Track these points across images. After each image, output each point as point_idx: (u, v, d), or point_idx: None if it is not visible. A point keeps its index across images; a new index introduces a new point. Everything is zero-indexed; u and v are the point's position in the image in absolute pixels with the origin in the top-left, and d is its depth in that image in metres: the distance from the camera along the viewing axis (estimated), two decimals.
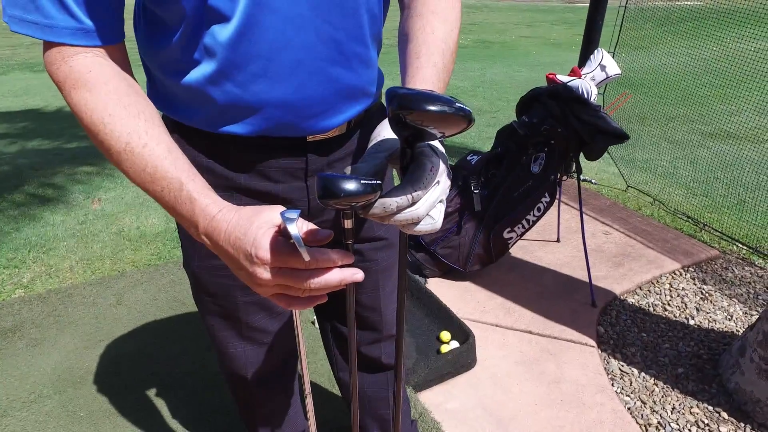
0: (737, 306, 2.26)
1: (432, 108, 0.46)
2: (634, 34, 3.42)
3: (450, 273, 2.32)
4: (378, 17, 0.76)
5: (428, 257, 2.28)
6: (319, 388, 1.75)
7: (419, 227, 0.52)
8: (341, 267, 0.55)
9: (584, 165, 3.95)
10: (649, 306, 2.26)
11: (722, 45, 3.49)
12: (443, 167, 0.53)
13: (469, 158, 2.27)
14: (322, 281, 0.54)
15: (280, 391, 1.11)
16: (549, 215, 2.74)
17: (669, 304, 2.28)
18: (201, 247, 0.82)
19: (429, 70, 0.66)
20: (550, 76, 2.14)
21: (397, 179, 0.73)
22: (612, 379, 1.85)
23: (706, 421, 1.67)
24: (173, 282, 2.32)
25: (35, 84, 7.86)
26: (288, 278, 0.54)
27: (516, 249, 2.61)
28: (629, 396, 1.78)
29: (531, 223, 2.25)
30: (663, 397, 1.78)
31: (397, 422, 0.78)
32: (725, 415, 1.68)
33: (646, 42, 3.61)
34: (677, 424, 1.66)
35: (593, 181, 3.62)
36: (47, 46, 0.62)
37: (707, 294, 2.35)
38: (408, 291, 2.15)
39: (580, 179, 2.21)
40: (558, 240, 2.71)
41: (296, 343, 1.03)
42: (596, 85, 2.11)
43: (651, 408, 1.73)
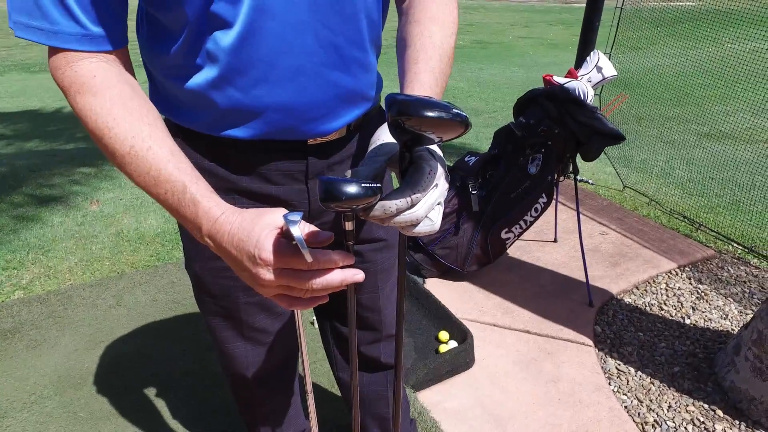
0: (732, 305, 2.28)
1: (430, 114, 0.48)
2: (631, 35, 3.44)
3: (448, 273, 2.34)
4: (377, 23, 0.78)
5: (426, 257, 2.29)
6: (319, 388, 1.76)
7: (418, 229, 0.53)
8: (342, 268, 0.56)
9: (581, 165, 3.97)
10: (646, 305, 2.28)
11: (718, 46, 3.51)
12: (441, 170, 0.54)
13: (467, 159, 2.29)
14: (324, 282, 0.55)
15: (281, 391, 1.13)
16: (546, 215, 2.76)
17: (665, 304, 2.30)
18: (203, 249, 0.83)
19: (427, 75, 0.67)
20: (547, 78, 2.15)
21: (396, 181, 0.74)
22: (609, 378, 1.86)
23: (702, 419, 1.69)
24: (172, 283, 2.33)
25: (32, 85, 7.86)
26: (290, 279, 0.55)
27: (514, 249, 2.63)
28: (626, 394, 1.80)
29: (528, 224, 2.27)
30: (659, 396, 1.79)
31: (397, 422, 0.79)
32: (720, 413, 1.70)
33: (643, 42, 3.63)
34: (673, 422, 1.68)
35: (590, 182, 3.64)
36: (52, 52, 0.63)
37: (703, 293, 2.37)
38: (406, 291, 2.17)
39: (577, 180, 2.22)
40: (555, 240, 2.73)
41: (297, 343, 1.05)
42: (592, 87, 2.13)
43: (647, 406, 1.75)
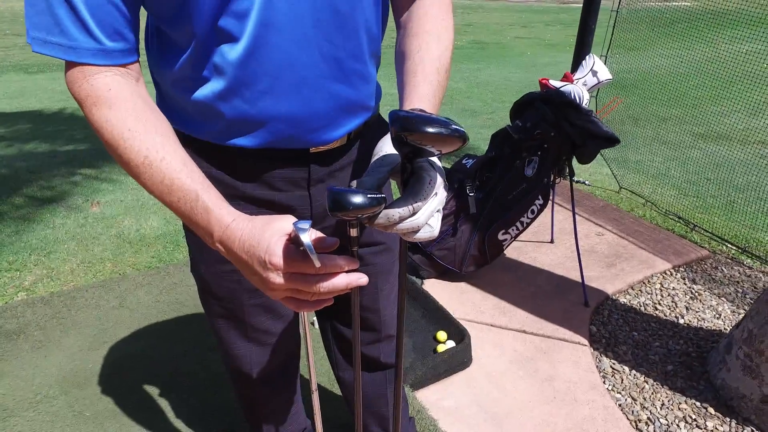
0: (725, 305, 2.32)
1: (431, 130, 0.51)
2: (628, 36, 3.46)
3: (446, 274, 2.37)
4: (376, 36, 0.81)
5: (425, 258, 2.33)
6: (319, 387, 1.79)
7: (419, 235, 0.57)
8: (347, 272, 0.60)
9: (578, 166, 4.00)
10: (641, 305, 2.32)
11: (714, 46, 3.53)
12: (440, 180, 0.58)
13: (464, 161, 2.32)
14: (331, 285, 0.58)
15: (283, 390, 1.16)
16: (543, 217, 2.79)
17: (660, 304, 2.33)
18: (208, 253, 0.86)
19: (425, 88, 0.71)
20: (543, 81, 2.19)
21: (395, 188, 0.77)
22: (604, 377, 1.90)
23: (694, 417, 1.72)
24: (174, 284, 2.36)
25: (30, 86, 7.84)
26: (299, 283, 0.58)
27: (511, 250, 2.66)
28: (620, 393, 1.84)
29: (525, 225, 2.30)
30: (653, 394, 1.83)
31: (398, 421, 0.82)
32: (712, 411, 1.74)
33: (640, 44, 3.66)
34: (666, 420, 1.71)
35: (587, 183, 3.68)
36: (69, 66, 0.66)
37: (697, 293, 2.41)
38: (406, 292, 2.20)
39: (573, 181, 2.26)
40: (552, 241, 2.76)
41: (300, 344, 1.08)
42: (588, 90, 2.16)
43: (641, 404, 1.79)
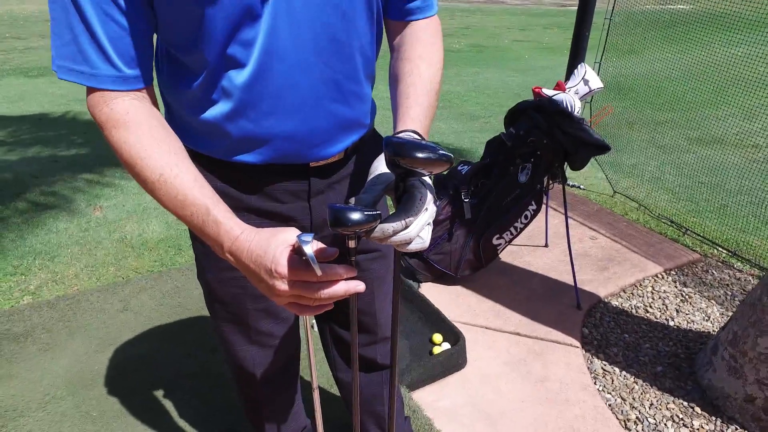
0: (715, 307, 2.38)
1: (420, 155, 0.57)
2: (625, 40, 3.50)
3: (442, 278, 2.43)
4: (371, 59, 0.87)
5: (421, 263, 2.39)
6: (319, 388, 1.84)
7: (410, 246, 0.63)
8: (346, 279, 0.66)
9: (574, 171, 4.06)
10: (632, 308, 2.38)
11: (710, 50, 3.56)
12: (430, 197, 0.64)
13: (460, 168, 2.38)
14: (331, 292, 0.64)
15: (284, 390, 1.22)
16: (538, 221, 2.85)
17: (651, 306, 2.39)
18: (214, 260, 0.92)
19: (416, 110, 0.77)
20: (536, 90, 2.25)
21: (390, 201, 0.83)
22: (594, 378, 1.96)
23: (681, 416, 1.78)
24: (177, 288, 2.42)
25: (30, 90, 7.86)
26: (302, 290, 0.64)
27: (505, 254, 2.72)
28: (610, 393, 1.89)
29: (519, 230, 2.36)
30: (642, 394, 1.89)
31: (392, 420, 0.88)
32: (698, 410, 1.80)
33: (636, 47, 3.69)
34: (654, 419, 1.77)
35: (581, 187, 3.73)
36: (90, 91, 0.72)
37: (687, 296, 2.47)
38: (402, 296, 2.26)
39: (565, 187, 2.32)
40: (546, 245, 2.82)
41: (300, 346, 1.14)
42: (580, 99, 2.23)
43: (630, 404, 1.84)
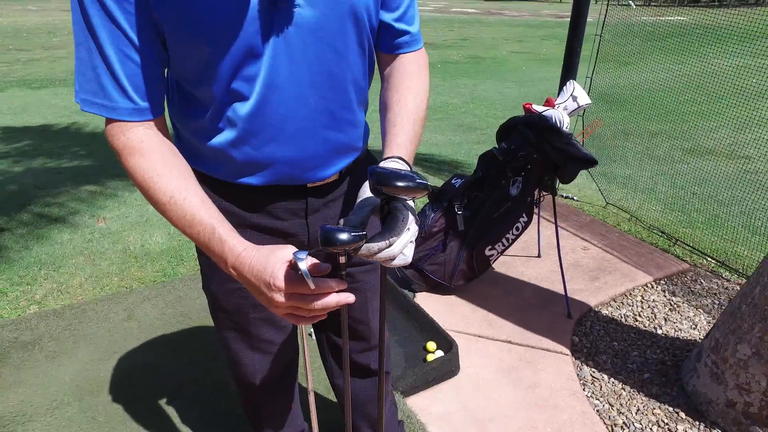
0: (702, 316, 2.45)
1: (400, 184, 0.65)
2: (622, 50, 3.55)
3: (437, 288, 2.50)
4: (363, 87, 0.95)
5: (416, 273, 2.46)
6: (316, 394, 1.91)
7: (394, 262, 0.71)
8: (338, 292, 0.73)
9: (563, 184, 4.14)
10: (622, 317, 2.45)
11: (705, 61, 3.60)
12: (412, 218, 0.72)
13: (453, 181, 2.46)
14: (323, 303, 0.72)
15: (283, 394, 1.29)
16: (531, 232, 2.93)
17: (640, 315, 2.46)
18: (218, 272, 0.99)
19: (403, 137, 0.85)
20: (527, 106, 2.34)
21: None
22: (583, 385, 2.02)
23: (666, 421, 1.85)
24: (179, 298, 2.49)
25: (33, 101, 7.94)
26: (298, 301, 0.72)
27: (499, 264, 2.79)
28: (598, 399, 1.96)
29: (510, 241, 2.44)
30: (629, 400, 1.95)
31: (381, 418, 0.95)
32: (683, 415, 1.86)
33: (632, 58, 3.75)
34: (640, 424, 1.84)
35: (575, 198, 3.81)
36: (109, 121, 0.80)
37: (676, 305, 2.54)
38: (398, 305, 2.33)
39: (559, 198, 2.40)
40: (539, 255, 2.89)
41: (298, 353, 1.21)
42: (568, 115, 2.31)
43: (617, 410, 1.91)
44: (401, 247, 0.70)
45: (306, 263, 0.68)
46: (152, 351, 2.14)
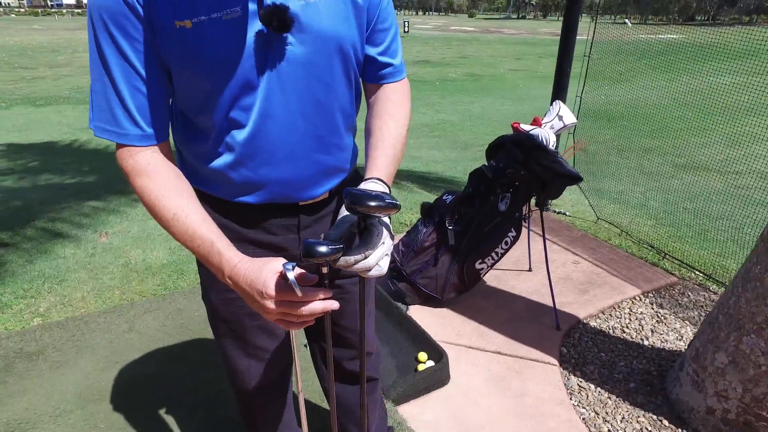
0: (688, 327, 2.52)
1: (372, 204, 0.74)
2: (614, 68, 3.64)
3: (429, 300, 2.58)
4: (351, 115, 1.05)
5: (409, 286, 2.54)
6: (311, 403, 1.98)
7: (370, 273, 0.79)
8: (324, 299, 0.81)
9: (562, 199, 4.23)
10: (609, 328, 2.52)
11: (698, 79, 3.67)
12: (386, 233, 0.80)
13: (444, 198, 2.55)
14: (310, 309, 0.80)
15: (277, 399, 1.36)
16: (524, 247, 3.01)
17: (627, 327, 2.53)
18: (217, 283, 1.08)
19: (383, 160, 0.95)
20: (515, 126, 2.43)
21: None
22: (570, 394, 2.09)
23: (650, 429, 1.91)
24: (179, 310, 2.56)
25: (37, 118, 8.07)
26: (287, 308, 0.80)
27: (491, 278, 2.87)
28: (585, 408, 2.02)
29: (500, 255, 2.52)
30: (615, 409, 2.02)
31: (363, 417, 1.03)
32: (666, 423, 1.92)
33: (627, 75, 3.85)
34: None
35: (567, 213, 3.89)
36: (119, 146, 0.89)
37: (663, 317, 2.61)
38: (391, 317, 2.40)
39: (550, 214, 2.48)
40: (530, 269, 2.97)
41: (291, 360, 1.29)
42: (555, 133, 2.41)
43: (603, 418, 1.97)
44: (377, 260, 0.78)
45: (294, 273, 0.76)
46: (152, 361, 2.21)
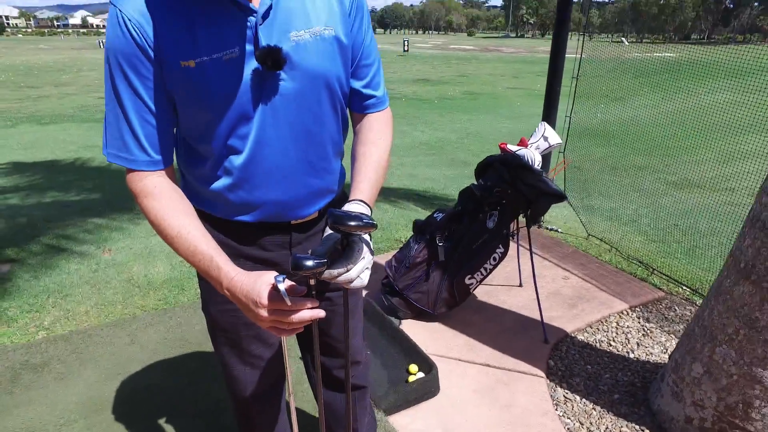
0: (673, 341, 2.59)
1: (351, 223, 0.84)
2: (608, 86, 3.73)
3: (421, 315, 2.66)
4: (339, 141, 1.15)
5: (402, 301, 2.63)
6: (305, 413, 2.06)
7: (353, 284, 0.89)
8: (311, 308, 0.91)
9: (552, 215, 4.32)
10: (596, 342, 2.59)
11: (692, 97, 3.74)
12: (366, 249, 0.90)
13: (435, 215, 2.66)
14: (299, 317, 0.89)
15: (272, 405, 1.45)
16: (514, 263, 3.10)
17: (614, 340, 2.61)
18: (217, 295, 1.17)
19: (366, 183, 1.05)
20: (502, 146, 2.54)
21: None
22: (556, 405, 2.16)
23: None
24: (180, 324, 2.65)
25: (42, 137, 8.21)
26: (278, 316, 0.89)
27: (482, 293, 2.95)
28: (569, 418, 2.10)
29: (488, 271, 2.61)
30: (599, 419, 2.09)
31: (348, 415, 1.11)
32: None
33: (621, 93, 3.94)
34: None
35: (559, 230, 3.99)
36: (129, 171, 0.99)
37: (649, 331, 2.69)
38: (384, 331, 2.49)
39: (531, 231, 2.58)
40: (520, 285, 3.05)
41: (284, 368, 1.37)
42: (540, 154, 2.52)
43: (588, 428, 2.04)
44: (358, 272, 0.88)
45: (284, 285, 0.86)
46: (154, 373, 2.29)
